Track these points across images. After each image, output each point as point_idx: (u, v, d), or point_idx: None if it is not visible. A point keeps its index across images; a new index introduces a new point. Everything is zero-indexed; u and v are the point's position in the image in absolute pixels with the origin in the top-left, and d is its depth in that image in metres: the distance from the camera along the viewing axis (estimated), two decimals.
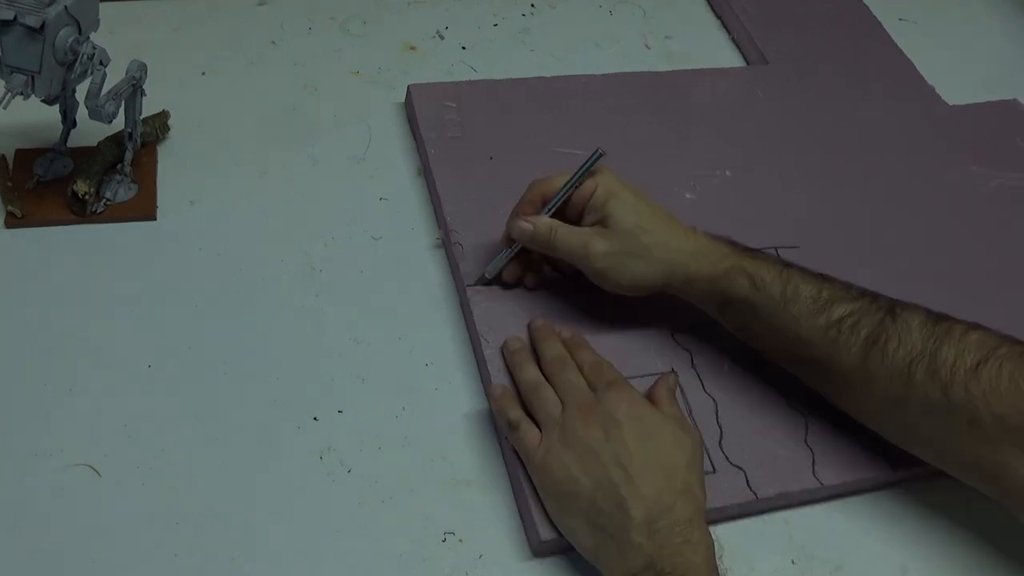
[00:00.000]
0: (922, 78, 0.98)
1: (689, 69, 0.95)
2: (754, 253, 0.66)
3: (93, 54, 0.67)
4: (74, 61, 0.67)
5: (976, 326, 0.60)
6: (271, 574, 0.58)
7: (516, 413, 0.62)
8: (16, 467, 0.60)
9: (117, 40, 0.74)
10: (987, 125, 0.95)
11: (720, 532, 0.61)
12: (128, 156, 0.74)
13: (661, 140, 0.86)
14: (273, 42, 0.91)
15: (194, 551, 0.58)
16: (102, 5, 0.69)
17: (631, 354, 0.69)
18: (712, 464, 0.64)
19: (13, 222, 0.71)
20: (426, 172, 0.80)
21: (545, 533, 0.60)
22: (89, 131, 0.74)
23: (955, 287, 0.76)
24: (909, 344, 0.60)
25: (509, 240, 0.70)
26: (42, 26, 0.63)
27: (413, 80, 0.86)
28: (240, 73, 0.87)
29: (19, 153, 0.76)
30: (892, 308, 0.62)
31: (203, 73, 0.87)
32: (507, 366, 0.67)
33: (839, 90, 0.95)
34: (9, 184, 0.73)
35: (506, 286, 0.72)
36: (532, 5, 1.02)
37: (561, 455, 0.59)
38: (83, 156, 0.74)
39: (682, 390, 0.68)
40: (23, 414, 0.62)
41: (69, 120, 0.74)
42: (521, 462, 0.62)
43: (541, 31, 0.99)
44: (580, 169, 0.67)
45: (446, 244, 0.75)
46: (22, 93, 0.65)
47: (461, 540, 0.61)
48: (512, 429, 0.62)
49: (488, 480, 0.64)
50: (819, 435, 0.67)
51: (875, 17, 1.06)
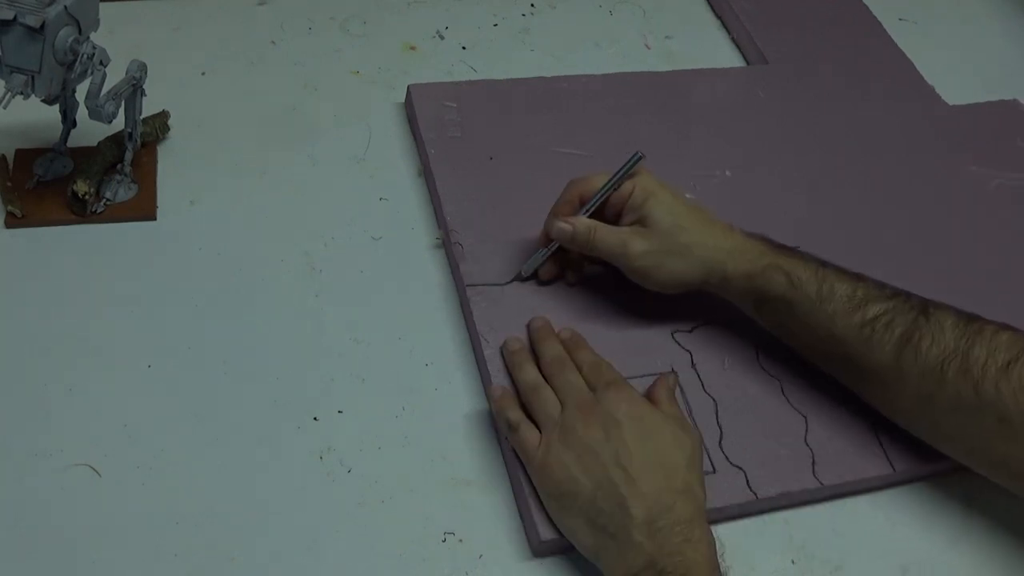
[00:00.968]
0: (922, 78, 0.98)
1: (689, 69, 0.95)
2: (790, 251, 0.67)
3: (93, 54, 0.67)
4: (74, 61, 0.67)
5: (1006, 326, 0.62)
6: (271, 574, 0.58)
7: (515, 414, 0.62)
8: (16, 467, 0.60)
9: (117, 40, 0.74)
10: (987, 125, 0.95)
11: (720, 532, 0.61)
12: (128, 156, 0.74)
13: (661, 140, 0.86)
14: (273, 42, 0.91)
15: (194, 551, 0.58)
16: (102, 5, 0.69)
17: (631, 354, 0.69)
18: (712, 464, 0.64)
19: (13, 222, 0.71)
20: (426, 172, 0.80)
21: (545, 533, 0.60)
22: (89, 131, 0.74)
23: (955, 287, 0.76)
24: (942, 343, 0.61)
25: (547, 239, 0.71)
26: (42, 26, 0.63)
27: (413, 80, 0.86)
28: (240, 73, 0.87)
29: (19, 153, 0.76)
30: (925, 308, 0.63)
31: (203, 73, 0.87)
32: (506, 367, 0.67)
33: (839, 90, 0.95)
34: (9, 184, 0.73)
35: (541, 283, 0.73)
36: (532, 5, 1.02)
37: (561, 455, 0.59)
38: (83, 156, 0.74)
39: (682, 390, 0.68)
40: (23, 414, 0.62)
41: (69, 120, 0.74)
42: (521, 463, 0.62)
43: (541, 31, 0.99)
44: (620, 171, 0.68)
45: (446, 244, 0.75)
46: (22, 93, 0.65)
47: (461, 540, 0.61)
48: (512, 430, 0.62)
49: (488, 480, 0.64)
50: (819, 435, 0.67)
51: (875, 17, 1.06)
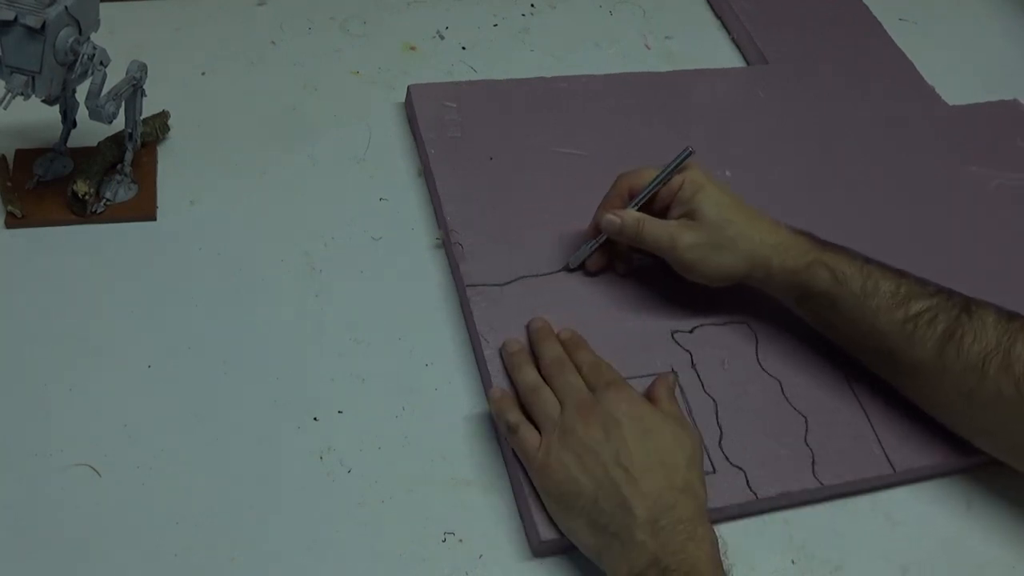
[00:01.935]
0: (922, 78, 0.98)
1: (689, 69, 0.95)
2: (835, 247, 0.68)
3: (93, 54, 0.68)
4: (74, 61, 0.67)
5: None
6: (271, 574, 0.58)
7: (515, 415, 0.62)
8: (16, 467, 0.60)
9: (117, 40, 0.74)
10: (987, 125, 0.95)
11: (720, 532, 0.61)
12: (128, 156, 0.74)
13: (661, 140, 0.85)
14: (273, 42, 0.91)
15: (194, 551, 0.58)
16: (102, 5, 0.69)
17: (631, 354, 0.69)
18: (712, 464, 0.64)
19: (13, 222, 0.71)
20: (426, 172, 0.80)
21: (545, 533, 0.60)
22: (89, 131, 0.74)
23: (955, 287, 0.76)
24: (984, 340, 0.62)
25: (595, 231, 0.72)
26: (42, 26, 0.63)
27: (413, 80, 0.86)
28: (240, 73, 0.87)
29: (19, 153, 0.76)
30: (967, 305, 0.65)
31: (203, 73, 0.87)
32: (505, 368, 0.67)
33: (839, 90, 0.95)
34: (9, 184, 0.73)
35: (589, 274, 0.74)
36: (532, 5, 1.02)
37: (561, 456, 0.59)
38: (83, 156, 0.74)
39: (682, 390, 0.68)
40: (23, 414, 0.62)
41: (69, 120, 0.74)
42: (521, 463, 0.62)
43: (541, 31, 0.99)
44: (670, 165, 0.70)
45: (446, 244, 0.75)
46: (22, 93, 0.65)
47: (461, 540, 0.61)
48: (511, 432, 0.62)
49: (488, 480, 0.64)
50: (819, 435, 0.67)
51: (875, 17, 1.06)
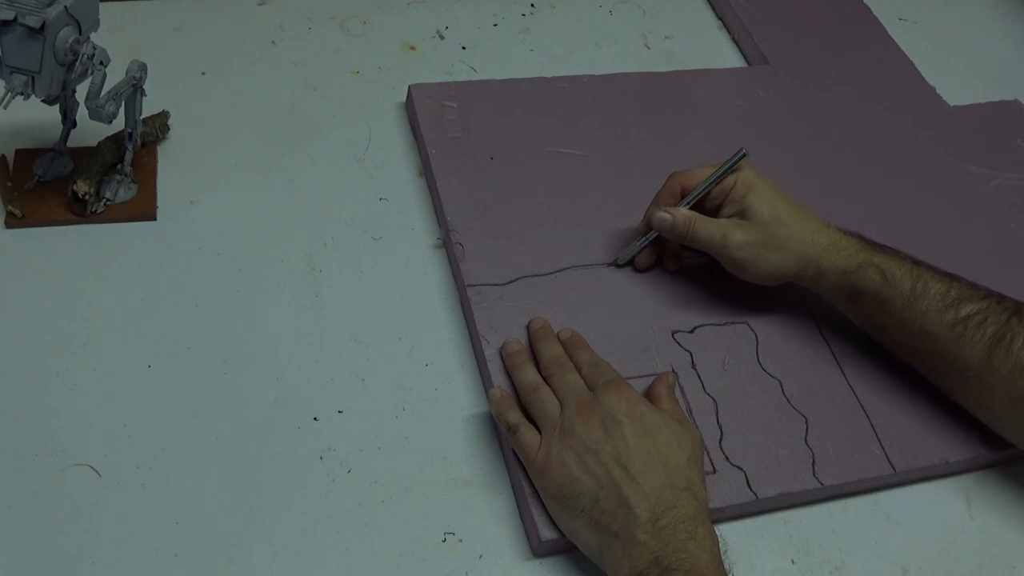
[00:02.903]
0: (923, 79, 0.98)
1: (690, 70, 0.95)
2: (884, 249, 0.69)
3: (93, 54, 0.68)
4: (74, 61, 0.67)
5: None
6: (271, 574, 0.58)
7: (515, 416, 0.62)
8: (16, 467, 0.60)
9: (117, 40, 0.74)
10: (987, 126, 0.95)
11: (720, 532, 0.61)
12: (128, 156, 0.74)
13: (662, 141, 0.86)
14: (273, 42, 0.91)
15: (194, 551, 0.58)
16: (102, 5, 0.69)
17: (631, 354, 0.69)
18: (712, 464, 0.64)
19: (13, 222, 0.71)
20: (427, 172, 0.80)
21: (545, 533, 0.60)
22: (89, 131, 0.74)
23: None
24: None
25: (646, 228, 0.73)
26: (42, 26, 0.63)
27: (413, 80, 0.86)
28: (240, 73, 0.87)
29: (19, 153, 0.76)
30: (1018, 309, 0.65)
31: (203, 73, 0.87)
32: (505, 368, 0.67)
33: (840, 91, 0.95)
34: (9, 184, 0.73)
35: (637, 271, 0.75)
36: (532, 5, 1.02)
37: (562, 456, 0.59)
38: (83, 156, 0.74)
39: (682, 390, 0.68)
40: (23, 414, 0.62)
41: (69, 120, 0.74)
42: (522, 464, 0.62)
43: (541, 31, 0.99)
44: (724, 165, 0.71)
45: (447, 244, 0.75)
46: (22, 93, 0.65)
47: (461, 540, 0.61)
48: (511, 432, 0.62)
49: (488, 480, 0.64)
50: (819, 435, 0.67)
51: (876, 17, 1.06)
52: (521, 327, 0.69)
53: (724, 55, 1.01)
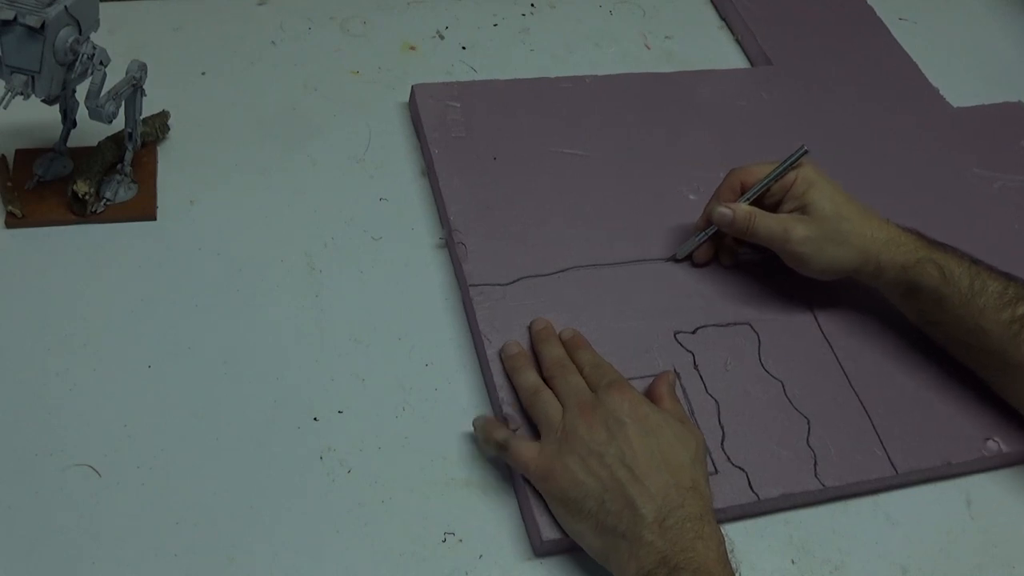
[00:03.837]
0: (926, 80, 0.98)
1: (693, 70, 0.95)
2: (943, 246, 0.70)
3: (93, 54, 0.67)
4: (74, 61, 0.67)
5: None
6: (271, 574, 0.58)
7: (501, 432, 0.62)
8: (16, 467, 0.60)
9: (117, 40, 0.74)
10: (991, 127, 0.95)
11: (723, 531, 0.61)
12: (128, 156, 0.74)
13: (664, 141, 0.86)
14: (273, 42, 0.91)
15: (194, 551, 0.58)
16: (102, 5, 0.69)
17: (633, 355, 0.69)
18: (714, 465, 0.64)
19: (13, 222, 0.71)
20: (430, 172, 0.80)
21: (547, 533, 0.59)
22: (89, 131, 0.74)
23: None
24: None
25: (705, 223, 0.74)
26: (42, 26, 0.63)
27: (413, 80, 0.86)
28: (240, 73, 0.87)
29: (19, 153, 0.76)
30: None
31: (203, 73, 0.87)
32: (505, 371, 0.67)
33: (843, 92, 0.95)
34: (9, 184, 0.73)
35: (696, 265, 0.76)
36: (532, 5, 1.02)
37: (565, 459, 0.59)
38: (83, 156, 0.74)
39: (684, 391, 0.68)
40: (23, 414, 0.62)
41: (69, 120, 0.74)
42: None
43: (541, 31, 0.99)
44: (785, 162, 0.72)
45: (449, 244, 0.75)
46: (22, 93, 0.65)
47: (461, 540, 0.61)
48: (502, 450, 0.62)
49: (488, 480, 0.64)
50: (821, 436, 0.67)
51: (879, 18, 1.05)
52: (523, 327, 0.69)
53: (727, 56, 1.01)
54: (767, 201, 0.73)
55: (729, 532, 0.62)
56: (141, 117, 0.74)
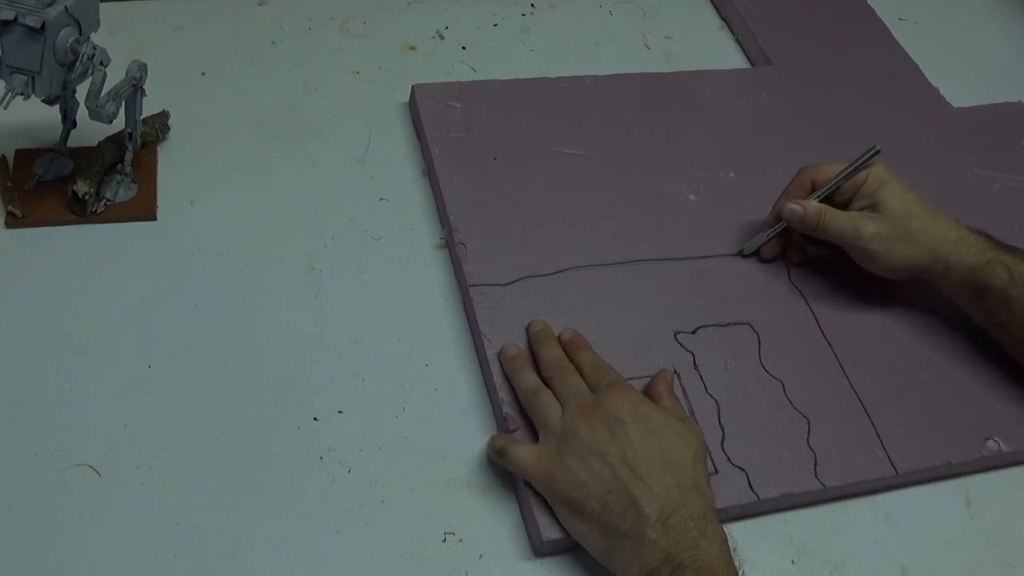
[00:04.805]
0: (927, 79, 0.98)
1: (694, 70, 0.95)
2: (1011, 249, 0.71)
3: (93, 54, 0.67)
4: (74, 61, 0.67)
5: None
6: (271, 574, 0.58)
7: (499, 440, 0.62)
8: (17, 467, 0.60)
9: (117, 40, 0.74)
10: (991, 127, 0.95)
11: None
12: (128, 156, 0.74)
13: (664, 141, 0.86)
14: (273, 42, 0.91)
15: (194, 551, 0.58)
16: (102, 5, 0.69)
17: (632, 355, 0.69)
18: (714, 465, 0.64)
19: (13, 222, 0.71)
20: (430, 172, 0.80)
21: (547, 533, 0.59)
22: (89, 131, 0.74)
23: None
24: None
25: (775, 219, 0.75)
26: (42, 26, 0.63)
27: (414, 80, 0.86)
28: (240, 73, 0.87)
29: (19, 153, 0.76)
30: None
31: (203, 73, 0.87)
32: (504, 373, 0.66)
33: (843, 92, 0.95)
34: (9, 184, 0.73)
35: (763, 261, 0.77)
36: (532, 5, 1.02)
37: (566, 460, 0.59)
38: (83, 156, 0.74)
39: (684, 391, 0.68)
40: (23, 414, 0.62)
41: (69, 120, 0.74)
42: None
43: (541, 31, 0.99)
44: (858, 160, 0.73)
45: (450, 244, 0.75)
46: (22, 93, 0.65)
47: (461, 540, 0.61)
48: (500, 455, 0.62)
49: (488, 480, 0.64)
50: (821, 436, 0.67)
51: (879, 18, 1.05)
52: (523, 327, 0.69)
53: (727, 56, 1.01)
54: (837, 199, 0.73)
55: (729, 531, 0.62)
56: (141, 117, 0.74)
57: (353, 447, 0.64)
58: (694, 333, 0.72)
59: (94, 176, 0.73)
